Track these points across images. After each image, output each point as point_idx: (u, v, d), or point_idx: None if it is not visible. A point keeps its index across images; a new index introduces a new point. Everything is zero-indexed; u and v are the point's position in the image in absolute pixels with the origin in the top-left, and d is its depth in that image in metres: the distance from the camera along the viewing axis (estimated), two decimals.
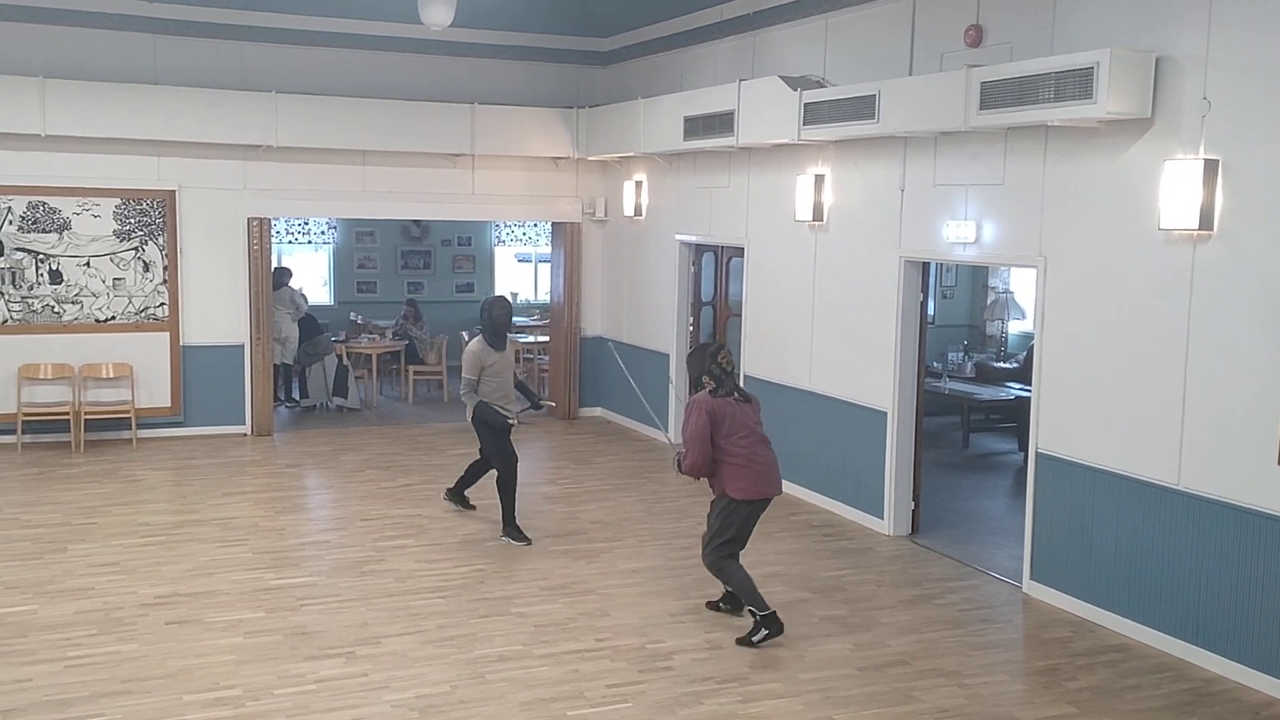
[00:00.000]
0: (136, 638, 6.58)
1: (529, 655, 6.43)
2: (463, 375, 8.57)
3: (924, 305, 8.95)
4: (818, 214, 9.58)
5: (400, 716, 5.63)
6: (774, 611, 6.60)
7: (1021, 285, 13.95)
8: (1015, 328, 14.36)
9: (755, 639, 6.56)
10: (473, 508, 9.24)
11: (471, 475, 9.25)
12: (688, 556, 8.00)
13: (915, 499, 9.03)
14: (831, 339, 9.55)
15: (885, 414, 8.94)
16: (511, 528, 8.58)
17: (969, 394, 12.21)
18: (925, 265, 8.87)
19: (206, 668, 6.17)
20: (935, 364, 12.96)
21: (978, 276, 14.83)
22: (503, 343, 8.69)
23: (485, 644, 6.58)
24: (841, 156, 9.39)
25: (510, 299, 9.72)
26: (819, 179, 9.56)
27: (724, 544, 6.74)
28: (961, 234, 8.10)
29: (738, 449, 6.64)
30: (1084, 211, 7.16)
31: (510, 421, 8.64)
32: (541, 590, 7.52)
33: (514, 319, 9.23)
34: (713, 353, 6.83)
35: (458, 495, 9.33)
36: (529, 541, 8.47)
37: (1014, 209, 7.72)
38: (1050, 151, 7.39)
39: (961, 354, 13.65)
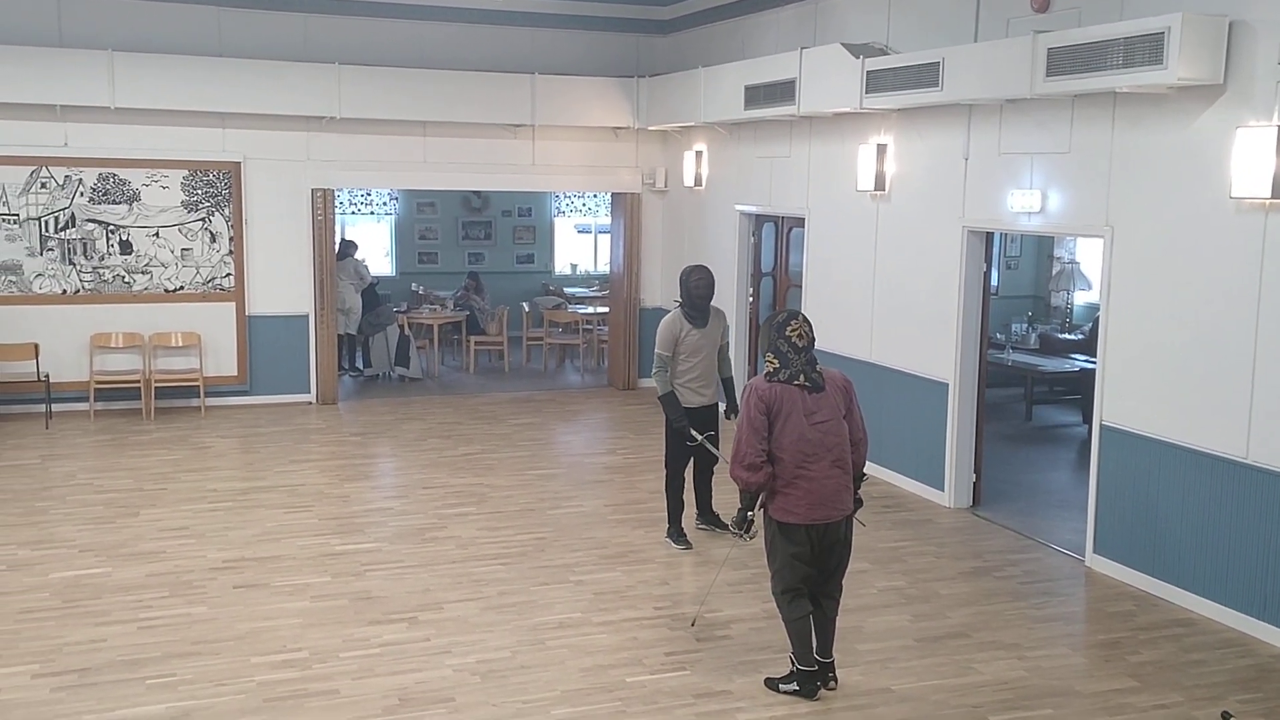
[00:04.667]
0: (206, 600, 6.74)
1: (588, 622, 6.49)
2: (656, 350, 7.58)
3: (987, 276, 8.84)
4: (880, 184, 9.49)
5: (462, 680, 5.72)
6: (815, 672, 5.56)
7: (1088, 255, 13.73)
8: (1081, 299, 14.14)
9: (783, 687, 5.61)
10: (725, 526, 7.87)
11: (702, 486, 8.11)
12: None
13: (977, 471, 8.95)
14: (893, 310, 9.47)
15: (947, 386, 8.86)
16: (675, 528, 7.83)
17: (1033, 366, 12.06)
18: (989, 235, 8.76)
19: (274, 630, 6.31)
20: (998, 335, 12.81)
21: (1043, 247, 14.61)
22: (704, 318, 7.60)
23: (545, 611, 6.65)
24: (904, 125, 9.28)
25: (565, 271, 9.10)
26: (881, 148, 9.46)
27: (774, 575, 5.62)
28: (1027, 203, 7.98)
29: (785, 456, 5.44)
30: (1153, 180, 7.02)
31: (692, 435, 7.53)
32: (601, 559, 7.58)
33: (710, 289, 7.65)
34: (780, 324, 5.61)
35: (708, 516, 8.16)
36: (688, 546, 7.75)
37: (1081, 178, 7.59)
38: (1118, 119, 7.24)
39: (1025, 325, 13.48)
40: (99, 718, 5.30)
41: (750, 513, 5.67)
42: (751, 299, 12.02)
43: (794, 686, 5.59)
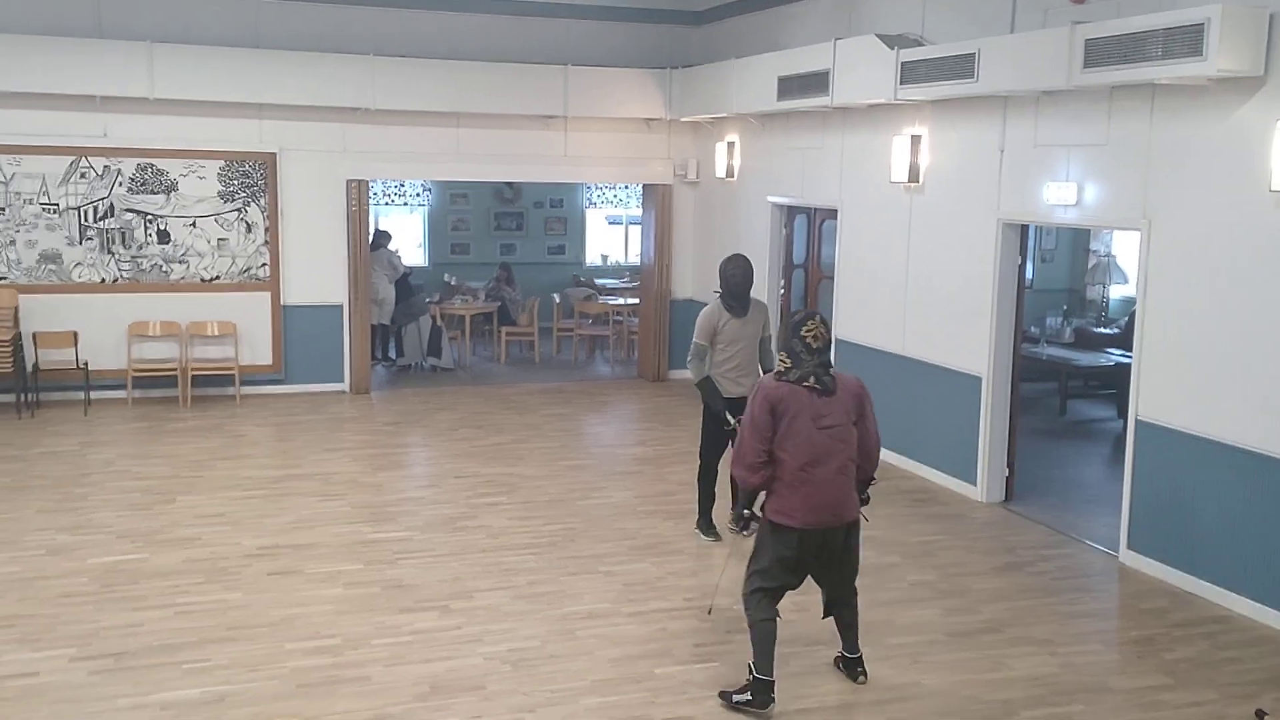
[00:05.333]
0: (241, 587, 6.82)
1: (617, 613, 6.51)
2: (693, 339, 7.60)
3: (1022, 269, 8.78)
4: (914, 175, 9.44)
5: (492, 669, 5.76)
6: (772, 683, 5.33)
7: (1124, 249, 13.60)
8: (1116, 292, 14.02)
9: (736, 699, 5.38)
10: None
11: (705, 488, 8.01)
12: None
13: (1010, 465, 8.90)
14: (926, 303, 9.43)
15: (980, 379, 8.81)
16: (705, 520, 7.89)
17: (1067, 360, 11.97)
18: (1024, 228, 8.70)
19: (307, 617, 6.37)
20: (1033, 329, 12.71)
21: (1078, 240, 14.49)
22: (744, 308, 7.55)
23: (575, 601, 6.68)
24: (939, 117, 9.23)
25: (596, 262, 9.07)
26: (915, 140, 9.41)
27: (755, 573, 5.46)
28: (1062, 196, 7.92)
29: (788, 458, 5.28)
30: (1191, 173, 6.94)
31: (727, 419, 7.47)
32: (630, 550, 7.60)
33: (747, 278, 7.54)
34: (796, 323, 5.44)
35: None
36: (717, 538, 7.77)
37: (1117, 170, 7.52)
38: (1156, 111, 7.17)
39: (1060, 319, 13.37)
40: (135, 701, 5.37)
41: (748, 511, 5.68)
42: (783, 291, 11.98)
43: (746, 696, 5.35)
